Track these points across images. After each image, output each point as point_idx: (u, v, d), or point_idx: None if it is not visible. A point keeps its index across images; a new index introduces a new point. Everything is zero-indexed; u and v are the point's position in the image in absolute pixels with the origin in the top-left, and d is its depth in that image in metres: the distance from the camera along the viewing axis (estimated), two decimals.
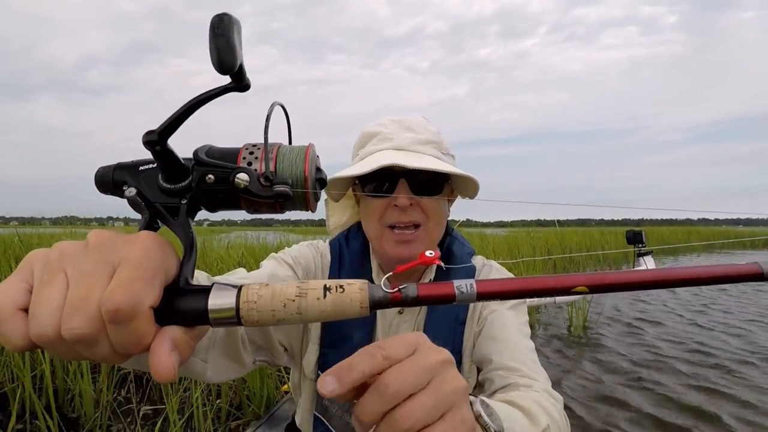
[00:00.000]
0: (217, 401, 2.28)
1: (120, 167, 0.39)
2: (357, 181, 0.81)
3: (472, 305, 0.81)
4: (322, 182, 0.40)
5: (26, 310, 0.29)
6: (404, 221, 0.74)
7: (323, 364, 0.78)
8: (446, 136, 0.83)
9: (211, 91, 0.33)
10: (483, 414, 0.40)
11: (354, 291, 0.33)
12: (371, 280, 0.81)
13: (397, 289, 0.34)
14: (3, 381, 1.81)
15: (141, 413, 2.13)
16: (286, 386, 2.34)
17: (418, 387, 0.33)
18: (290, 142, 0.42)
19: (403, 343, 0.35)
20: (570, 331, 4.50)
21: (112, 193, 0.39)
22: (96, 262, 0.30)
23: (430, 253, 0.38)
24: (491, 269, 0.87)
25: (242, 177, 0.35)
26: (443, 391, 0.33)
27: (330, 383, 0.32)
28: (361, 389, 0.34)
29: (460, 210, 0.90)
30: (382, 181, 0.75)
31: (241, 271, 0.69)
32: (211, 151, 0.38)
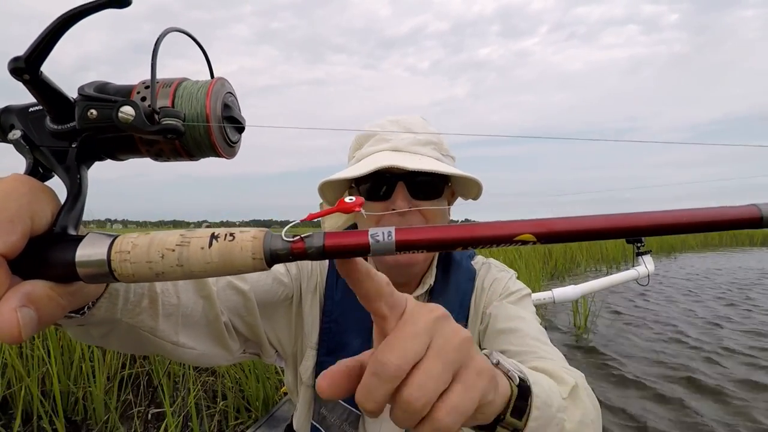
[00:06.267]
0: (222, 403, 2.29)
1: (8, 110, 0.35)
2: (353, 184, 0.77)
3: (473, 303, 0.79)
4: (233, 121, 0.35)
5: None
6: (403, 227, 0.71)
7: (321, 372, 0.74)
8: (446, 137, 0.80)
9: (86, 4, 0.30)
10: (502, 360, 0.37)
11: (246, 239, 0.28)
12: None
13: (299, 237, 0.28)
14: (7, 384, 1.83)
15: (149, 416, 2.14)
16: (285, 388, 2.36)
17: (419, 354, 0.29)
18: (212, 77, 0.38)
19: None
20: (574, 331, 4.50)
21: (1, 139, 0.36)
22: None
23: (350, 199, 0.31)
24: (490, 267, 0.84)
25: (126, 111, 0.31)
26: (447, 349, 0.30)
27: (326, 385, 0.31)
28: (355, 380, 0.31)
29: (460, 210, 0.88)
30: (380, 184, 0.71)
31: None
32: (104, 87, 0.34)
